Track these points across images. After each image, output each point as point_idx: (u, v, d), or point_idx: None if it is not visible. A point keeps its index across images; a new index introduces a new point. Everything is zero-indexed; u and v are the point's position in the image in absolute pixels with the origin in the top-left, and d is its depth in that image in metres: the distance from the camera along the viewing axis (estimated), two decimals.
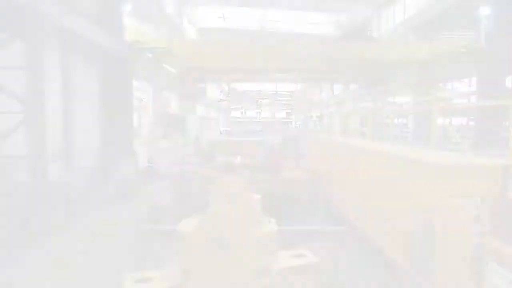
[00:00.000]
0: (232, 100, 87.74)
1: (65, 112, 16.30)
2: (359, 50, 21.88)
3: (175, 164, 11.84)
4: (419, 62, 25.49)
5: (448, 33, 21.70)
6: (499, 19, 19.45)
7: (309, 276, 5.42)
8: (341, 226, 6.77)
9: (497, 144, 16.63)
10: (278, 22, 49.24)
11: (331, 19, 47.62)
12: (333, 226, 7.39)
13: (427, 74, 25.69)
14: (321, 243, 6.14)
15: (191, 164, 12.06)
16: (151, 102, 28.78)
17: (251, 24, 48.77)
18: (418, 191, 6.07)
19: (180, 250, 4.73)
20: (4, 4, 10.64)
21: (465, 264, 5.24)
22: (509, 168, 5.36)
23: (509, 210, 5.19)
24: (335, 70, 31.86)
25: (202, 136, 14.94)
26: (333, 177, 11.61)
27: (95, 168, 18.52)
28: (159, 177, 19.15)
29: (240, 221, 4.47)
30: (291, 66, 28.34)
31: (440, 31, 27.50)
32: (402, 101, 48.61)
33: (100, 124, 19.81)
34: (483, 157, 6.74)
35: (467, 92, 37.17)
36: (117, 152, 19.75)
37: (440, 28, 27.28)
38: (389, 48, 22.29)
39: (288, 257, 6.15)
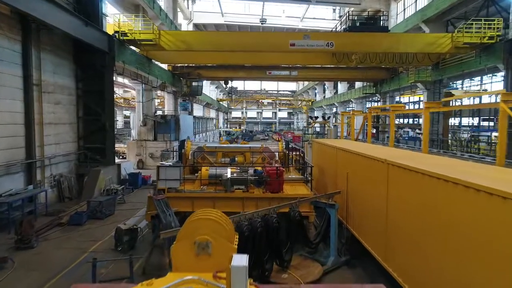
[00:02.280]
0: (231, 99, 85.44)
1: (29, 114, 13.94)
2: (372, 42, 19.31)
3: None
4: (439, 55, 22.99)
5: (469, 24, 19.09)
6: None
7: None
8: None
9: None
10: (279, 18, 46.66)
11: (337, 14, 45.04)
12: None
13: (444, 70, 23.14)
14: None
15: None
16: (141, 102, 26.31)
17: (251, 20, 46.21)
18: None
19: None
20: None
21: None
22: None
23: None
24: (342, 65, 29.41)
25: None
26: (353, 204, 9.07)
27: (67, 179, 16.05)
28: None
29: None
30: (294, 62, 25.82)
31: (459, 21, 24.95)
32: (406, 100, 45.99)
33: (75, 128, 17.37)
34: None
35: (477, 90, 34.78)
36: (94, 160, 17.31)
37: (459, 19, 24.77)
38: (405, 40, 19.69)
39: None
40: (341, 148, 9.91)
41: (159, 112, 35.81)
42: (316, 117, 34.47)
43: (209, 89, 61.64)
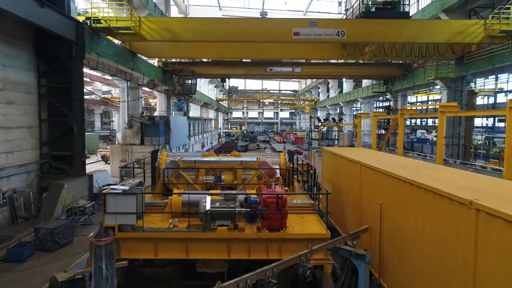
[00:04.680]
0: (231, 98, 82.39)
1: None
2: (390, 30, 16.36)
3: None
4: (464, 48, 20.09)
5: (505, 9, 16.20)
6: None
7: None
8: None
9: None
10: (281, 12, 43.73)
11: (343, 7, 42.06)
12: None
13: (470, 64, 20.16)
14: None
15: None
16: (126, 101, 23.46)
17: (251, 14, 43.32)
18: None
19: None
20: None
21: None
22: None
23: None
24: (352, 59, 26.50)
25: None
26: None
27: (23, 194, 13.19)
28: None
29: None
30: (298, 56, 22.81)
31: (484, 10, 22.05)
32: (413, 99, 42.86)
33: (37, 132, 14.53)
34: None
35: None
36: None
37: (484, 7, 21.86)
38: (429, 28, 16.73)
39: None
40: (370, 166, 6.99)
41: (156, 113, 33.00)
42: (325, 119, 31.12)
43: (207, 88, 58.76)
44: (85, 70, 16.56)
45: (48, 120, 14.70)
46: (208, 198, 6.60)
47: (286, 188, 9.00)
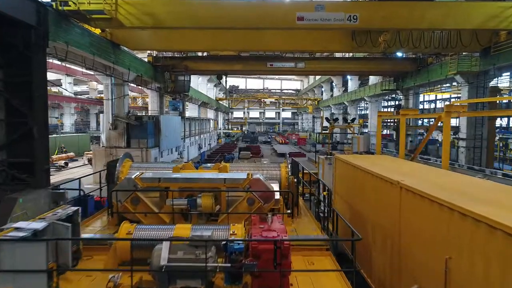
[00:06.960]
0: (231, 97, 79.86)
1: None
2: (411, 14, 13.89)
3: None
4: (491, 38, 17.63)
5: None
6: None
7: None
8: None
9: None
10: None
11: None
12: None
13: (498, 56, 17.65)
14: None
15: None
16: (110, 99, 21.08)
17: None
18: None
19: None
20: None
21: None
22: None
23: None
24: (362, 53, 24.07)
25: None
26: None
27: None
28: None
29: None
30: (301, 47, 20.14)
31: None
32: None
33: None
34: None
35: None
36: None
37: None
38: (457, 11, 14.26)
39: None
40: (421, 192, 4.47)
41: (149, 113, 30.65)
42: (336, 119, 28.25)
43: (206, 87, 56.42)
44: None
45: (6, 120, 12.30)
46: (166, 245, 4.15)
47: (289, 212, 6.58)
